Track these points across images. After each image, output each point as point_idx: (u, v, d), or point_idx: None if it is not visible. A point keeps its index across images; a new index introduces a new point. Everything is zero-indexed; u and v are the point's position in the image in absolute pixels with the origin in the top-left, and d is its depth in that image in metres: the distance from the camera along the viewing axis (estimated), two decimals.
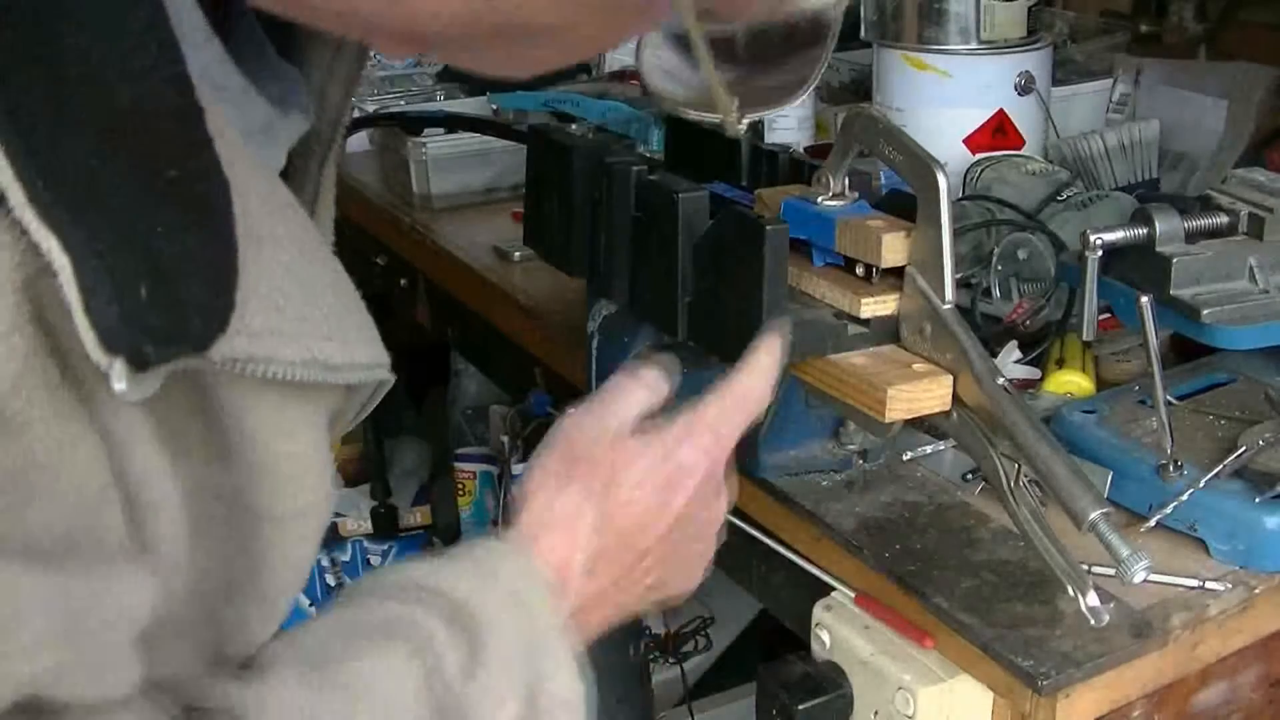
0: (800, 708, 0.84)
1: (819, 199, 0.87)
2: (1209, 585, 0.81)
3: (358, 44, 0.59)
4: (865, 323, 0.83)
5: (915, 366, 0.80)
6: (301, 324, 0.51)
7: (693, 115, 0.59)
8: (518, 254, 1.34)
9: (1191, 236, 0.94)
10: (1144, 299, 0.85)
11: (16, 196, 0.39)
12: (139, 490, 0.47)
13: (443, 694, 0.60)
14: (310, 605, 1.76)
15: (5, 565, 0.41)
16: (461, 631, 0.61)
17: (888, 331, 0.83)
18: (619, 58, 1.89)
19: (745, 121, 0.51)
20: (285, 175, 0.57)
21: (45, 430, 0.42)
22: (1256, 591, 0.82)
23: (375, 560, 2.05)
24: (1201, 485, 0.84)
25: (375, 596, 0.63)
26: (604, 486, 0.69)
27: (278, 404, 0.52)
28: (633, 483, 0.69)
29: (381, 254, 1.61)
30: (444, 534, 2.05)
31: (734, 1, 0.45)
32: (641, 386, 0.73)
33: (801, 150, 1.24)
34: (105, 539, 0.46)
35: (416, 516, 2.10)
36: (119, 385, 0.41)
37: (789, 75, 0.56)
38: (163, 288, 0.42)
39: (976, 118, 1.31)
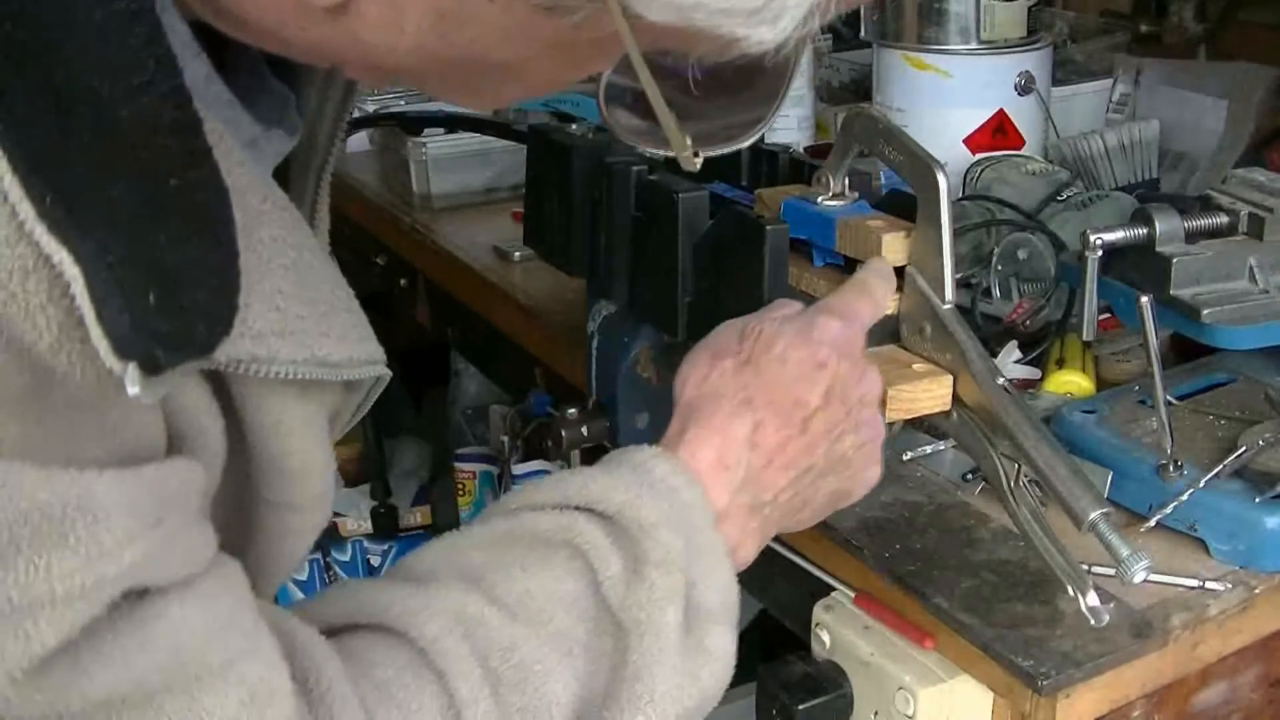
0: (800, 708, 0.84)
1: (819, 199, 0.87)
2: (1209, 585, 0.81)
3: None
4: None
5: (915, 366, 0.80)
6: (301, 322, 0.52)
7: (649, 152, 0.60)
8: (518, 254, 1.34)
9: (1191, 236, 0.94)
10: (1144, 299, 0.85)
11: (26, 211, 0.41)
12: (191, 420, 0.50)
13: (605, 602, 0.62)
14: None
15: (79, 476, 0.44)
16: (622, 539, 0.63)
17: (888, 331, 0.83)
18: None
19: (700, 159, 0.52)
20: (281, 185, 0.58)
21: (90, 384, 0.44)
22: (1256, 591, 0.82)
23: (375, 560, 2.05)
24: (1201, 485, 0.84)
25: (529, 510, 0.64)
26: (747, 360, 0.71)
27: (281, 404, 0.54)
28: (776, 352, 0.71)
29: (381, 254, 1.61)
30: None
31: (681, 42, 0.46)
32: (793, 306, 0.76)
33: (801, 150, 1.24)
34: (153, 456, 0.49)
35: (416, 516, 2.10)
36: (133, 389, 0.43)
37: (746, 114, 0.57)
38: (169, 295, 0.44)
39: (976, 118, 1.31)
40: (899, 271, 0.82)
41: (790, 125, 1.46)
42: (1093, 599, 0.72)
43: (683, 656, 0.63)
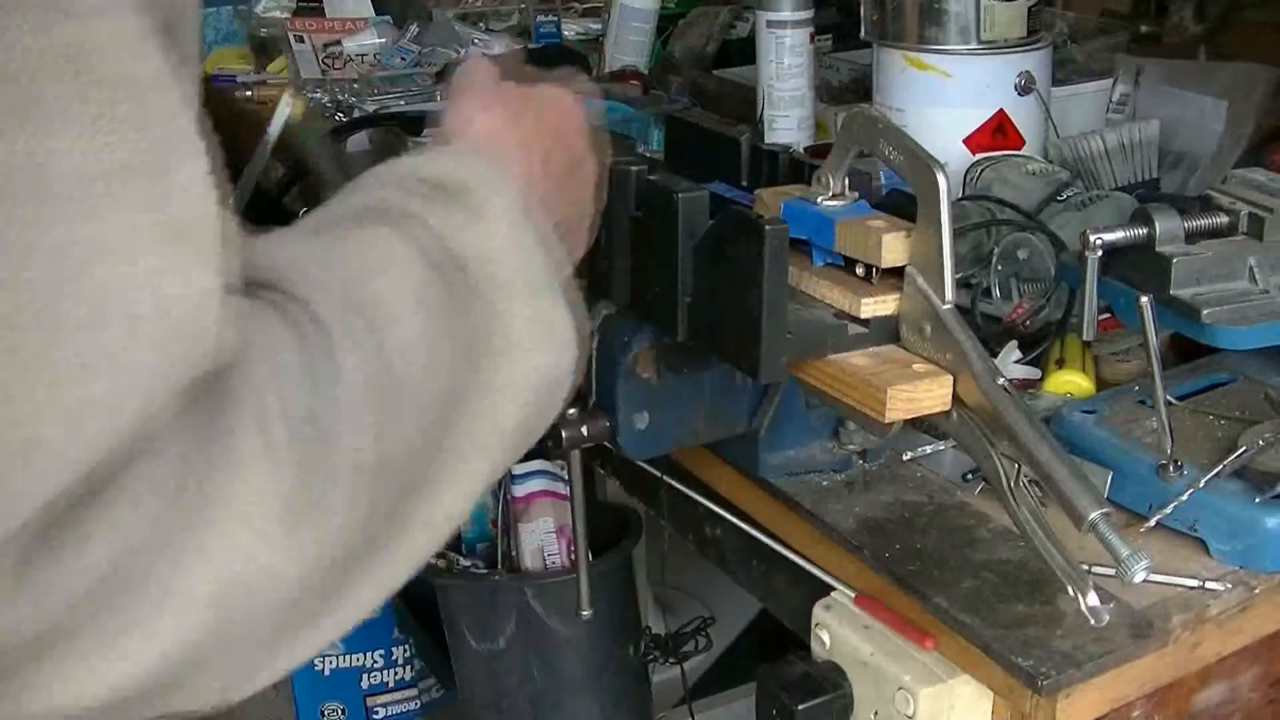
0: (800, 708, 0.84)
1: (819, 199, 0.87)
2: (1209, 585, 0.81)
3: None
4: (865, 323, 0.83)
5: (915, 366, 0.80)
6: None
7: None
8: None
9: (1191, 236, 0.94)
10: (1144, 299, 0.85)
11: None
12: None
13: (445, 248, 0.60)
14: None
15: None
16: (453, 199, 0.62)
17: (888, 331, 0.83)
18: (619, 57, 1.89)
19: None
20: None
21: None
22: (1256, 591, 0.82)
23: None
24: (1201, 485, 0.84)
25: (361, 191, 0.64)
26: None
27: None
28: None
29: None
30: None
31: None
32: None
33: (801, 150, 1.24)
34: None
35: None
36: None
37: None
38: None
39: (976, 118, 1.31)
40: (899, 271, 0.82)
41: (790, 125, 1.46)
42: (1093, 599, 0.72)
43: (535, 307, 0.63)
